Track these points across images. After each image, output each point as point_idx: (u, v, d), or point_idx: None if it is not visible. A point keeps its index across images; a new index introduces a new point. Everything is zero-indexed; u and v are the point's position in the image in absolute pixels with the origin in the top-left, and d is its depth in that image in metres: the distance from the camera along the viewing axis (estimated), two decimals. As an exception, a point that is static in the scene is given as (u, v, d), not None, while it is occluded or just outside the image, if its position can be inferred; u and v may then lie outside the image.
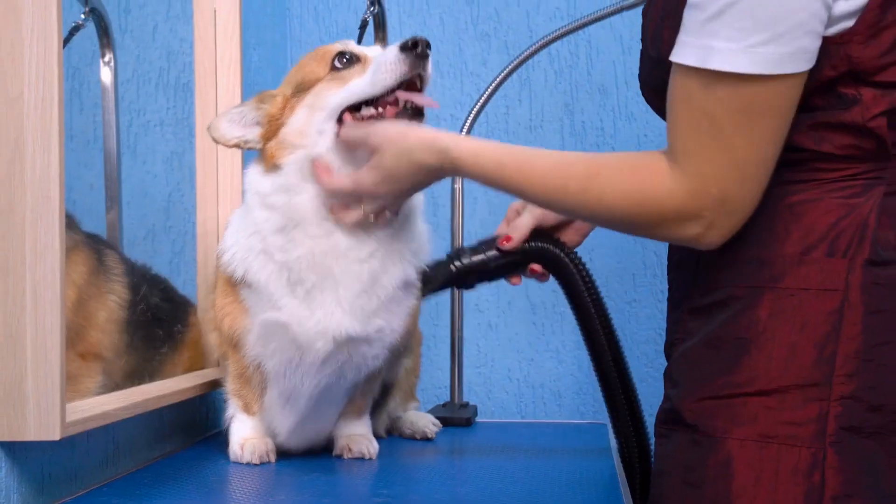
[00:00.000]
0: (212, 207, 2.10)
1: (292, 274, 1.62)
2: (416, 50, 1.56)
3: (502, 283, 1.75)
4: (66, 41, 1.69)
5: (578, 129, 2.73)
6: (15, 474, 1.39)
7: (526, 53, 2.39)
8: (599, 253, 2.64)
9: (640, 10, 1.54)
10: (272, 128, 1.67)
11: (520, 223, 1.69)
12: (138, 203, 1.96)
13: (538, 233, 1.70)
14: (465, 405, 2.40)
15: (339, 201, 1.60)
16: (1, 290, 1.35)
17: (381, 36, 2.35)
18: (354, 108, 1.62)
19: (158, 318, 1.92)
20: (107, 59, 1.84)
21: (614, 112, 2.72)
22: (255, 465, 1.70)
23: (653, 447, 1.53)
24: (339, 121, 1.62)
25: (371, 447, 1.78)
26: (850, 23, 1.26)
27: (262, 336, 1.67)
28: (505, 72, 2.40)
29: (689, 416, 1.36)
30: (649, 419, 1.60)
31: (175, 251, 2.09)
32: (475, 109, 2.39)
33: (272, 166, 1.64)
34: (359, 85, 1.61)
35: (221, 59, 2.12)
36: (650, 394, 2.74)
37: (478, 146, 1.45)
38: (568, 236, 1.73)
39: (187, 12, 2.12)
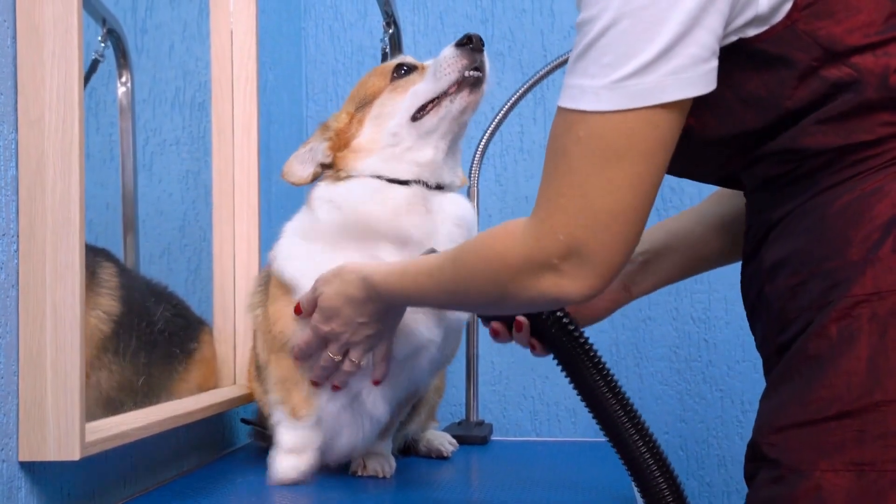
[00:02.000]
0: (228, 226, 2.11)
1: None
2: (470, 45, 1.66)
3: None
4: (88, 76, 1.71)
5: (592, 147, 2.73)
6: (35, 494, 1.40)
7: (541, 73, 2.40)
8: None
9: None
10: (341, 140, 1.72)
11: None
12: (154, 222, 1.97)
13: None
14: (481, 423, 2.40)
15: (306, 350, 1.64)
16: (22, 312, 1.35)
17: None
18: (417, 112, 1.69)
19: (169, 333, 1.92)
20: (123, 78, 1.85)
21: (628, 130, 2.72)
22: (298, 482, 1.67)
23: None
24: (413, 119, 1.68)
25: (387, 466, 1.78)
26: (788, 5, 1.18)
27: None
28: (520, 91, 2.41)
29: (769, 451, 1.21)
30: (660, 437, 1.57)
31: (191, 269, 2.10)
32: (490, 129, 2.40)
33: (343, 175, 1.69)
34: (421, 87, 1.69)
35: (238, 79, 2.14)
36: (664, 412, 2.75)
37: (388, 266, 1.50)
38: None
39: (203, 32, 2.13)
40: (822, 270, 1.21)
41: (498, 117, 2.40)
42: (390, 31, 2.33)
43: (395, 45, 2.37)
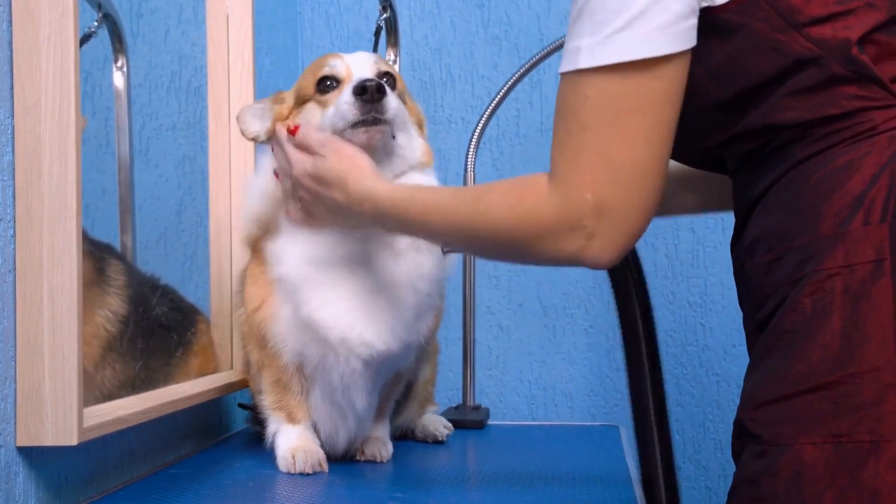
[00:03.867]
0: (224, 211, 2.10)
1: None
2: (363, 96, 1.58)
3: (513, 285, 1.71)
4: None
5: (589, 132, 2.73)
6: (33, 479, 1.41)
7: (537, 56, 2.39)
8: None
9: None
10: None
11: None
12: (151, 206, 1.97)
13: None
14: (478, 407, 2.41)
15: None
16: (19, 297, 1.36)
17: (394, 41, 2.35)
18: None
19: (167, 327, 1.92)
20: (119, 63, 1.85)
21: (625, 114, 2.72)
22: (308, 474, 1.64)
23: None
24: None
25: (384, 450, 1.79)
26: None
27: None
28: (516, 75, 2.40)
29: (752, 427, 1.23)
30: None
31: (187, 254, 2.10)
32: (486, 113, 2.40)
33: None
34: (329, 116, 1.62)
35: (234, 63, 2.13)
36: (661, 395, 2.75)
37: (394, 187, 1.47)
38: None
39: (199, 16, 2.13)
40: (796, 245, 1.23)
41: (494, 102, 2.40)
42: (386, 14, 2.32)
43: (391, 29, 2.36)
